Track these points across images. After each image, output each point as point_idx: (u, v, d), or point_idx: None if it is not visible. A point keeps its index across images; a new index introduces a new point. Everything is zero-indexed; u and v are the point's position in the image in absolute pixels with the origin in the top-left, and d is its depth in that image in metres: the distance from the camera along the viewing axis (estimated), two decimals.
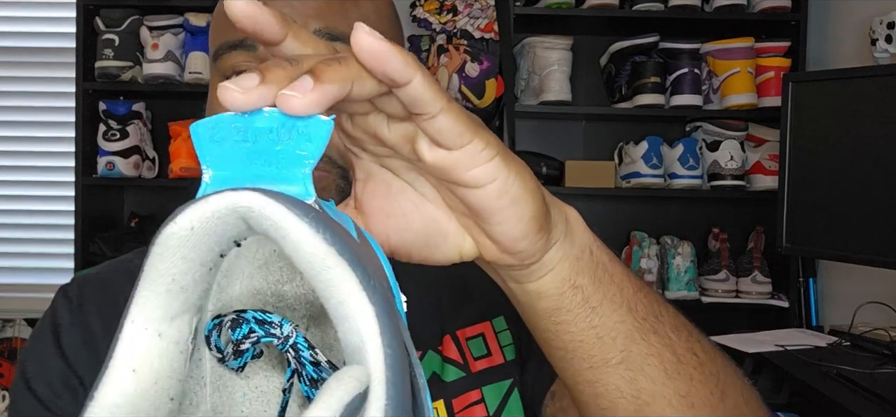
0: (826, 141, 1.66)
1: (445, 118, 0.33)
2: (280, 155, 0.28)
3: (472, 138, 0.34)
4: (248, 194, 0.25)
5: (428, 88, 0.32)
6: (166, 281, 0.26)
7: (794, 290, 2.14)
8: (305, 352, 0.29)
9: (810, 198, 1.70)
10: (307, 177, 0.28)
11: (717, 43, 2.20)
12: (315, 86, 0.28)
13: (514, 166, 0.36)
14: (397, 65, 0.31)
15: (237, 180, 0.28)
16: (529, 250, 0.39)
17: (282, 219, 0.25)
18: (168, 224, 0.26)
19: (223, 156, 0.29)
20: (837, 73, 1.71)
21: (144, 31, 2.25)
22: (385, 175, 0.40)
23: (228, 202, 0.25)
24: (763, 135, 2.23)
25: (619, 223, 2.42)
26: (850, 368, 1.42)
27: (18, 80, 2.51)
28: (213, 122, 0.29)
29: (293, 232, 0.25)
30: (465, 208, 0.38)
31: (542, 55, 2.24)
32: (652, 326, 0.44)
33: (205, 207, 0.26)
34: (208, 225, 0.26)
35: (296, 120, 0.28)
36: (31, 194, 2.52)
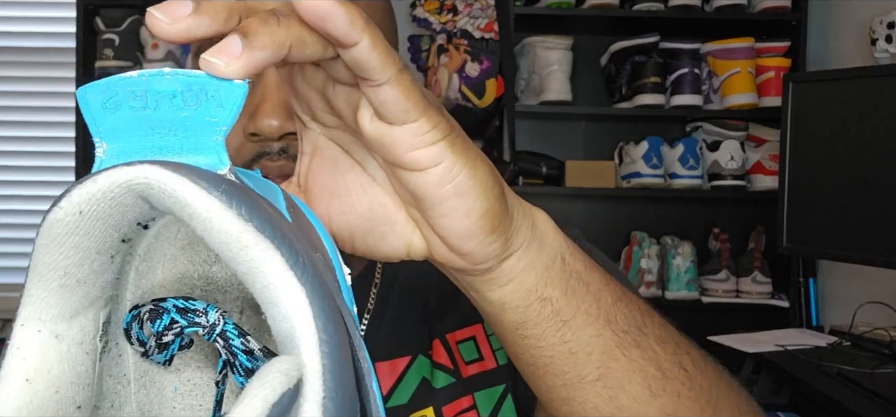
0: (826, 141, 1.66)
1: (391, 89, 0.30)
2: (186, 122, 0.25)
3: (418, 117, 0.31)
4: (144, 168, 0.22)
5: (376, 53, 0.29)
6: (57, 275, 0.22)
7: (795, 290, 2.14)
8: (236, 341, 0.26)
9: (811, 198, 1.70)
10: (220, 145, 0.25)
11: (717, 43, 2.20)
12: (243, 50, 0.25)
13: (463, 155, 0.33)
14: (341, 24, 0.27)
15: (137, 153, 0.25)
16: (479, 252, 0.35)
17: (186, 194, 0.21)
18: (52, 209, 0.22)
19: (119, 125, 0.25)
20: (838, 73, 1.70)
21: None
22: (333, 150, 0.37)
23: (121, 179, 0.22)
24: (763, 135, 2.23)
25: (620, 223, 2.42)
26: (850, 368, 1.42)
27: (18, 80, 2.51)
28: (104, 86, 0.25)
29: (201, 208, 0.21)
30: (408, 196, 0.34)
31: (543, 55, 2.24)
32: (634, 339, 0.40)
33: (93, 187, 0.22)
34: (101, 208, 0.22)
35: (204, 83, 0.25)
36: (32, 194, 2.51)
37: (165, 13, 0.25)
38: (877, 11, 1.87)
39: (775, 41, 2.22)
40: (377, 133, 0.32)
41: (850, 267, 1.95)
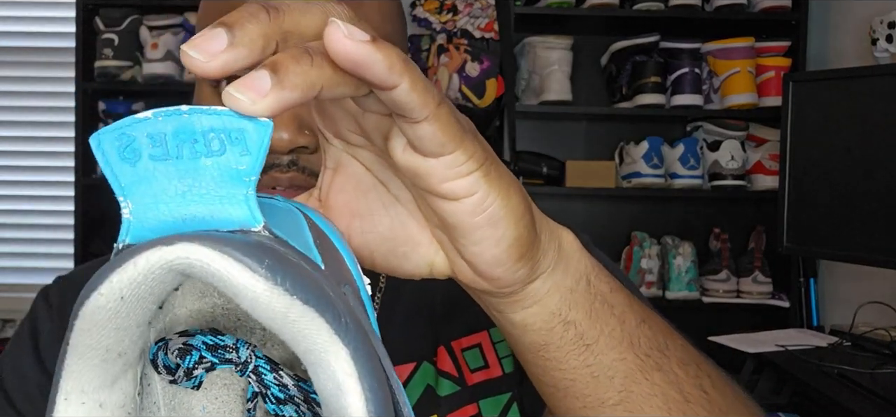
0: (827, 140, 1.66)
1: (429, 126, 0.29)
2: (213, 173, 0.24)
3: (454, 149, 0.30)
4: (184, 247, 0.21)
5: (416, 94, 0.28)
6: (99, 352, 0.22)
7: (795, 290, 2.14)
8: (269, 376, 0.26)
9: (811, 198, 1.70)
10: (251, 199, 0.24)
11: (717, 42, 2.20)
12: (272, 87, 0.24)
13: (497, 183, 0.32)
14: (380, 70, 0.26)
15: (167, 215, 0.24)
16: (507, 278, 0.34)
17: (231, 275, 0.21)
18: (91, 295, 0.21)
19: (141, 180, 0.24)
20: (838, 73, 1.70)
21: (144, 31, 2.24)
22: (356, 168, 0.36)
23: (162, 261, 0.21)
24: (764, 134, 2.22)
25: (620, 223, 2.42)
26: (850, 368, 1.42)
27: (18, 80, 2.51)
28: (120, 132, 0.23)
29: (247, 288, 0.21)
30: (437, 220, 0.34)
31: (543, 55, 2.24)
32: (656, 362, 0.39)
33: (133, 271, 0.21)
34: (141, 291, 0.22)
35: (226, 123, 0.23)
36: (31, 194, 2.51)
37: (200, 50, 0.24)
38: (877, 11, 1.87)
39: (775, 41, 2.22)
40: (410, 164, 0.31)
41: (851, 267, 1.95)
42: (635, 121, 2.34)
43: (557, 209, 2.44)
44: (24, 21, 2.51)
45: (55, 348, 0.59)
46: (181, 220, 0.24)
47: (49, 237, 2.50)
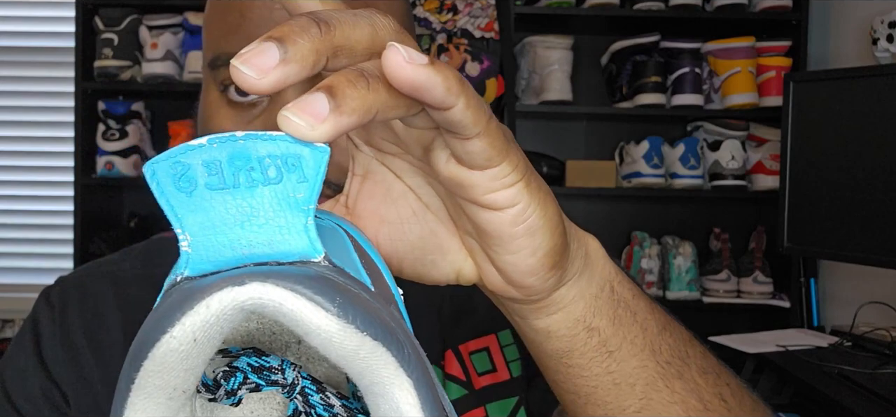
0: (827, 140, 1.66)
1: (480, 141, 0.29)
2: (270, 201, 0.23)
3: (500, 161, 0.30)
4: (255, 287, 0.21)
5: (469, 111, 0.27)
6: (167, 391, 0.22)
7: (796, 290, 2.13)
8: (315, 396, 0.26)
9: (812, 198, 1.70)
10: (310, 228, 0.24)
11: (718, 42, 2.20)
12: (330, 112, 0.23)
13: (538, 194, 0.32)
14: (439, 92, 0.26)
15: (226, 247, 0.23)
16: (538, 287, 0.34)
17: (304, 316, 0.21)
18: (162, 337, 0.21)
19: (198, 211, 0.23)
20: (838, 73, 1.70)
21: (143, 31, 2.24)
22: (386, 175, 0.36)
23: (234, 303, 0.21)
24: (764, 134, 2.22)
25: (620, 223, 2.42)
26: (851, 368, 1.42)
27: (17, 80, 2.50)
28: (175, 161, 0.23)
29: (321, 328, 0.21)
30: (473, 228, 0.34)
31: (543, 54, 2.24)
32: (677, 370, 0.39)
33: (206, 313, 0.21)
34: (213, 332, 0.21)
35: (283, 148, 0.23)
36: (31, 194, 2.51)
37: (252, 67, 0.23)
38: (878, 11, 1.87)
39: (776, 40, 2.22)
40: (455, 175, 0.31)
41: (851, 267, 1.95)
42: (635, 120, 2.33)
43: None
44: (23, 21, 2.51)
45: (57, 349, 0.59)
46: (240, 252, 0.24)
47: (48, 237, 2.50)
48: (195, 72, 2.21)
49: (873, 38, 1.86)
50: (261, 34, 0.50)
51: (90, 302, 0.61)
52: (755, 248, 2.25)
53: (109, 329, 0.60)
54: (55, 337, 0.60)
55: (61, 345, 0.59)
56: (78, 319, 0.60)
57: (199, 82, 2.33)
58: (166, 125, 2.29)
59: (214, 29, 0.53)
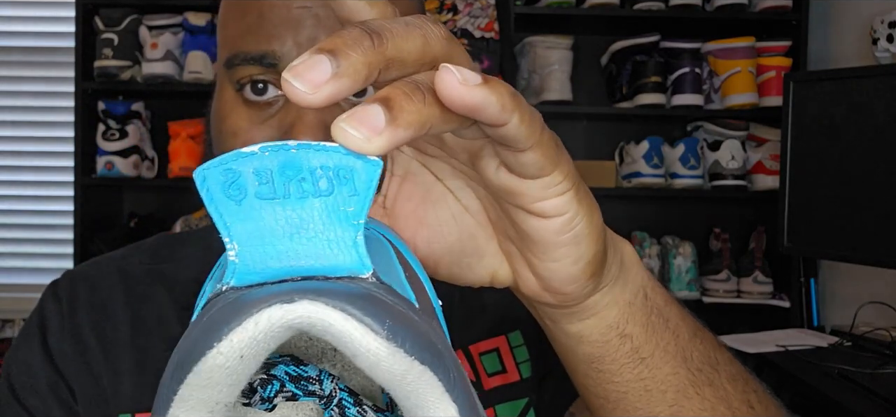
0: (827, 140, 1.66)
1: (533, 153, 0.29)
2: (321, 216, 0.23)
3: (552, 171, 0.30)
4: (304, 306, 0.20)
5: (523, 126, 0.27)
6: (209, 405, 0.22)
7: (796, 290, 2.13)
8: (352, 409, 0.25)
9: (812, 198, 1.70)
10: (359, 244, 0.23)
11: (718, 42, 2.20)
12: (387, 125, 0.23)
13: (585, 203, 0.32)
14: (494, 111, 0.26)
15: (274, 256, 0.23)
16: (576, 294, 0.34)
17: (353, 337, 0.21)
18: (208, 352, 0.21)
19: (247, 220, 0.23)
20: (838, 73, 1.70)
21: (144, 31, 2.24)
22: (426, 176, 0.35)
23: (283, 321, 0.21)
24: (764, 134, 2.22)
25: (620, 223, 2.41)
26: (851, 368, 1.42)
27: (17, 80, 2.50)
28: (226, 167, 0.22)
29: (370, 351, 0.21)
30: (515, 233, 0.33)
31: (543, 54, 2.24)
32: (707, 377, 0.39)
33: (255, 330, 0.21)
34: (260, 348, 0.21)
35: (336, 160, 0.22)
36: (31, 194, 2.51)
37: (303, 81, 0.23)
38: (878, 11, 1.87)
39: (776, 40, 2.22)
40: (505, 183, 0.31)
41: (852, 267, 1.95)
42: (635, 120, 2.33)
43: None
44: (23, 21, 2.51)
45: (65, 341, 0.59)
46: (288, 264, 0.23)
47: (48, 237, 2.50)
48: (195, 73, 2.21)
49: (873, 38, 1.86)
50: (278, 34, 0.49)
51: (98, 297, 0.61)
52: (755, 248, 2.25)
53: (117, 324, 0.60)
54: (63, 331, 0.60)
55: (69, 339, 0.59)
56: (86, 313, 0.60)
57: (199, 82, 2.33)
58: (166, 125, 2.29)
59: (231, 28, 0.53)
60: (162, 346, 0.59)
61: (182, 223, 2.29)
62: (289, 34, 0.49)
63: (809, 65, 2.20)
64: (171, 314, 0.60)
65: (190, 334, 0.22)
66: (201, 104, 2.13)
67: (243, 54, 0.51)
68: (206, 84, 2.22)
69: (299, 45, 0.49)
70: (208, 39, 2.22)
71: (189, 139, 2.23)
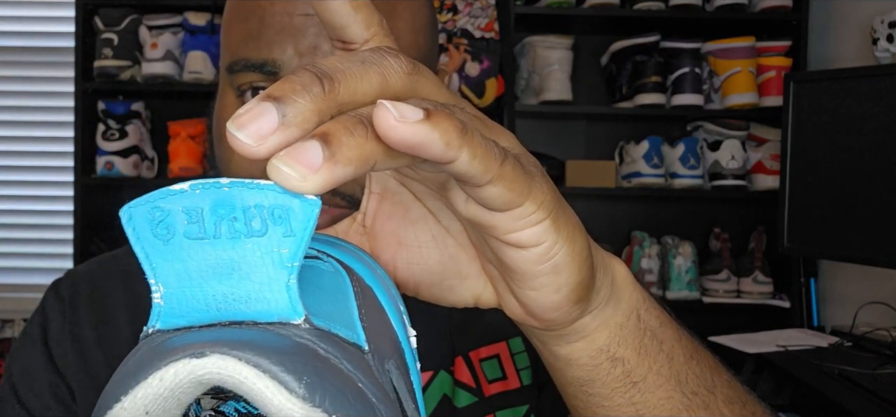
0: (827, 140, 1.66)
1: (494, 188, 0.27)
2: (252, 255, 0.22)
3: (521, 202, 0.28)
4: (216, 360, 0.19)
5: (476, 161, 0.25)
6: None
7: (796, 290, 2.13)
8: None
9: (812, 198, 1.70)
10: (292, 288, 0.22)
11: (718, 42, 2.20)
12: (324, 162, 0.21)
13: (565, 230, 0.30)
14: (437, 149, 0.24)
15: (201, 300, 0.22)
16: (560, 320, 0.33)
17: (265, 396, 0.19)
18: (114, 406, 0.20)
19: (175, 260, 0.22)
20: (839, 73, 1.70)
21: (143, 31, 2.24)
22: (405, 195, 0.35)
23: (191, 376, 0.19)
24: (764, 134, 2.22)
25: (620, 223, 2.42)
26: (851, 368, 1.42)
27: (17, 80, 2.50)
28: (153, 206, 0.22)
29: (281, 410, 0.19)
30: (495, 261, 0.32)
31: (543, 54, 2.24)
32: (703, 401, 0.38)
33: (160, 386, 0.19)
34: (168, 404, 0.20)
35: (271, 199, 0.21)
36: (31, 194, 2.51)
37: (248, 133, 0.21)
38: (878, 11, 1.87)
39: (776, 40, 2.22)
40: (474, 216, 0.29)
41: (852, 267, 1.95)
42: (635, 120, 2.33)
43: None
44: (23, 21, 2.51)
45: (65, 342, 0.59)
46: (216, 308, 0.22)
47: (48, 237, 2.49)
48: (195, 73, 2.20)
49: (873, 38, 1.86)
50: (280, 42, 0.49)
51: (100, 297, 0.61)
52: (755, 248, 2.24)
53: (118, 324, 0.60)
54: (64, 331, 0.60)
55: (69, 339, 0.60)
56: (87, 314, 0.60)
57: (199, 82, 2.32)
58: (166, 125, 2.29)
59: (233, 33, 0.53)
60: None
61: None
62: (290, 42, 0.49)
63: (809, 65, 2.20)
64: None
65: (109, 384, 0.21)
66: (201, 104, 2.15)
67: (244, 60, 0.51)
68: (205, 84, 2.22)
69: (301, 54, 0.49)
70: (208, 39, 2.22)
71: (189, 139, 2.23)
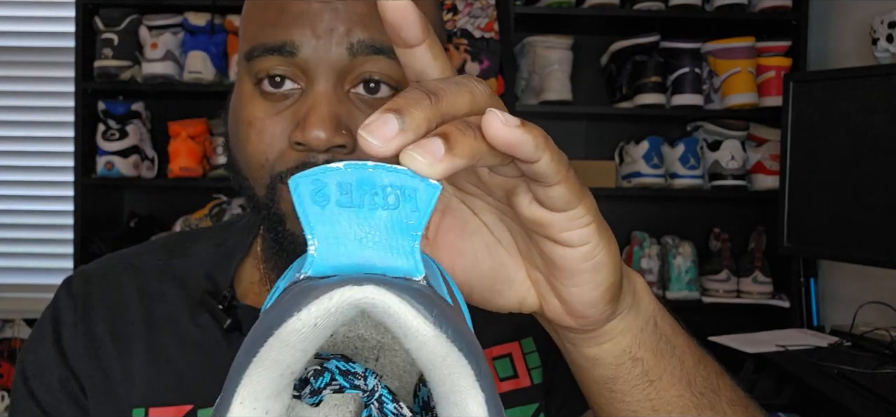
0: (827, 140, 1.66)
1: (560, 188, 0.34)
2: (387, 224, 0.28)
3: (577, 204, 0.35)
4: (370, 289, 0.25)
5: (553, 163, 0.32)
6: (281, 367, 0.26)
7: (796, 290, 2.14)
8: (389, 405, 0.29)
9: (811, 198, 1.70)
10: (416, 251, 0.28)
11: (717, 42, 2.20)
12: (445, 153, 0.28)
13: (604, 234, 0.37)
14: (529, 149, 0.31)
15: (345, 255, 0.28)
16: (595, 318, 0.39)
17: (407, 320, 0.25)
18: (288, 319, 0.25)
19: (327, 222, 0.28)
20: (838, 73, 1.70)
21: (143, 31, 2.24)
22: (463, 211, 0.40)
23: (352, 299, 0.25)
24: (764, 134, 2.22)
25: (620, 223, 2.42)
26: (851, 368, 1.42)
27: (17, 80, 2.51)
28: (315, 177, 0.28)
29: (418, 332, 0.25)
30: (542, 262, 0.38)
31: (543, 54, 2.24)
32: (709, 401, 0.43)
33: (328, 303, 0.25)
34: (330, 321, 0.25)
35: (404, 180, 0.28)
36: (31, 194, 2.51)
37: (376, 136, 0.28)
38: (877, 11, 1.87)
39: (776, 41, 2.22)
40: (536, 216, 0.36)
41: (851, 267, 1.95)
42: (635, 120, 2.33)
43: None
44: (23, 21, 2.51)
45: (77, 339, 0.61)
46: (356, 263, 0.28)
47: (48, 237, 2.50)
48: (195, 73, 2.21)
49: (873, 38, 1.86)
50: (298, 25, 0.52)
51: (112, 294, 0.63)
52: (755, 248, 2.25)
53: (131, 320, 0.62)
54: (76, 328, 0.61)
55: (82, 336, 0.61)
56: (99, 311, 0.62)
57: (199, 82, 2.33)
58: (166, 125, 2.29)
59: (252, 23, 0.55)
60: (173, 342, 0.60)
61: (182, 223, 2.29)
62: (307, 25, 0.52)
63: (809, 65, 2.20)
64: (183, 310, 0.62)
65: (270, 311, 0.25)
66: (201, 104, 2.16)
67: (263, 45, 0.53)
68: (205, 84, 2.22)
69: (318, 37, 0.51)
70: (208, 39, 2.22)
71: (189, 139, 2.24)
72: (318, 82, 0.52)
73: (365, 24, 0.52)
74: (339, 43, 0.51)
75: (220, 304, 0.60)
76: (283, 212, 0.53)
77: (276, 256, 0.57)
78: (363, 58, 0.52)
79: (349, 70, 0.52)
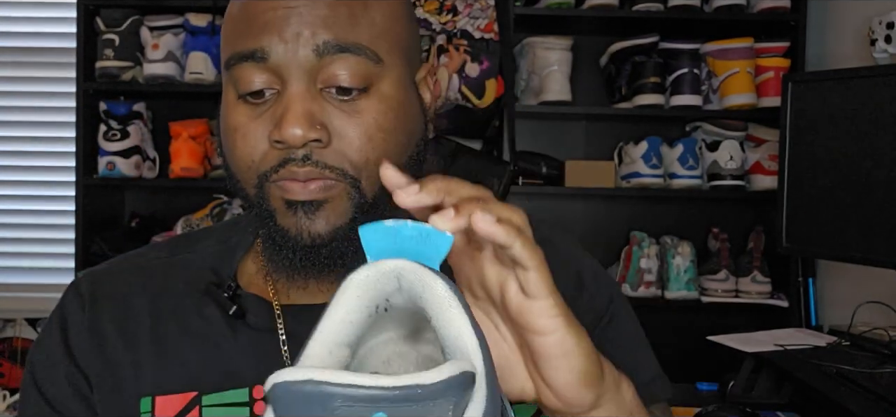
0: (825, 141, 1.67)
1: (534, 273, 0.43)
2: (415, 255, 0.40)
3: (548, 296, 0.43)
4: (401, 262, 0.39)
5: (525, 250, 0.42)
6: (343, 312, 0.39)
7: (794, 290, 2.14)
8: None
9: (810, 198, 1.71)
10: (435, 270, 0.41)
11: (716, 43, 2.20)
12: (455, 217, 0.40)
13: (574, 328, 0.45)
14: (500, 237, 0.41)
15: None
16: (576, 401, 0.46)
17: (423, 275, 0.39)
18: (355, 275, 0.39)
19: (381, 250, 0.40)
20: (837, 74, 1.71)
21: (145, 32, 2.25)
22: (477, 314, 0.47)
23: (391, 265, 0.39)
24: (763, 135, 2.23)
25: (619, 223, 2.42)
26: (849, 368, 1.43)
27: (19, 80, 2.51)
28: (375, 228, 0.41)
29: (430, 281, 0.39)
30: (530, 353, 0.46)
31: (542, 55, 2.24)
32: None
33: (377, 267, 0.39)
34: (376, 277, 0.39)
35: (429, 233, 0.40)
36: (32, 194, 2.52)
37: (406, 193, 0.42)
38: (876, 11, 1.87)
39: (774, 41, 2.22)
40: (521, 303, 0.44)
41: (850, 266, 1.95)
42: (634, 121, 2.34)
43: (557, 209, 2.44)
44: (24, 21, 2.51)
45: (84, 336, 0.63)
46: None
47: (49, 237, 2.50)
48: (196, 73, 2.21)
49: (871, 39, 1.86)
50: (265, 35, 0.57)
51: (119, 292, 0.65)
52: (753, 248, 2.25)
53: (138, 315, 0.64)
54: (83, 327, 0.63)
55: (89, 334, 0.63)
56: (107, 307, 0.64)
57: (200, 83, 2.33)
58: (167, 125, 2.30)
59: (228, 34, 0.60)
60: (179, 332, 0.63)
61: (183, 223, 2.30)
62: (274, 32, 0.56)
63: (808, 65, 2.21)
64: (188, 302, 0.64)
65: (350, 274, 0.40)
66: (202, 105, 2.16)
67: (238, 53, 0.58)
68: (206, 85, 2.22)
69: (285, 41, 0.56)
70: (209, 40, 2.23)
71: (190, 139, 2.24)
72: (290, 84, 0.56)
73: (328, 25, 0.56)
74: (305, 45, 0.55)
75: (225, 293, 0.63)
76: (273, 209, 0.58)
77: (271, 250, 0.61)
78: (330, 57, 0.56)
79: (318, 69, 0.56)
